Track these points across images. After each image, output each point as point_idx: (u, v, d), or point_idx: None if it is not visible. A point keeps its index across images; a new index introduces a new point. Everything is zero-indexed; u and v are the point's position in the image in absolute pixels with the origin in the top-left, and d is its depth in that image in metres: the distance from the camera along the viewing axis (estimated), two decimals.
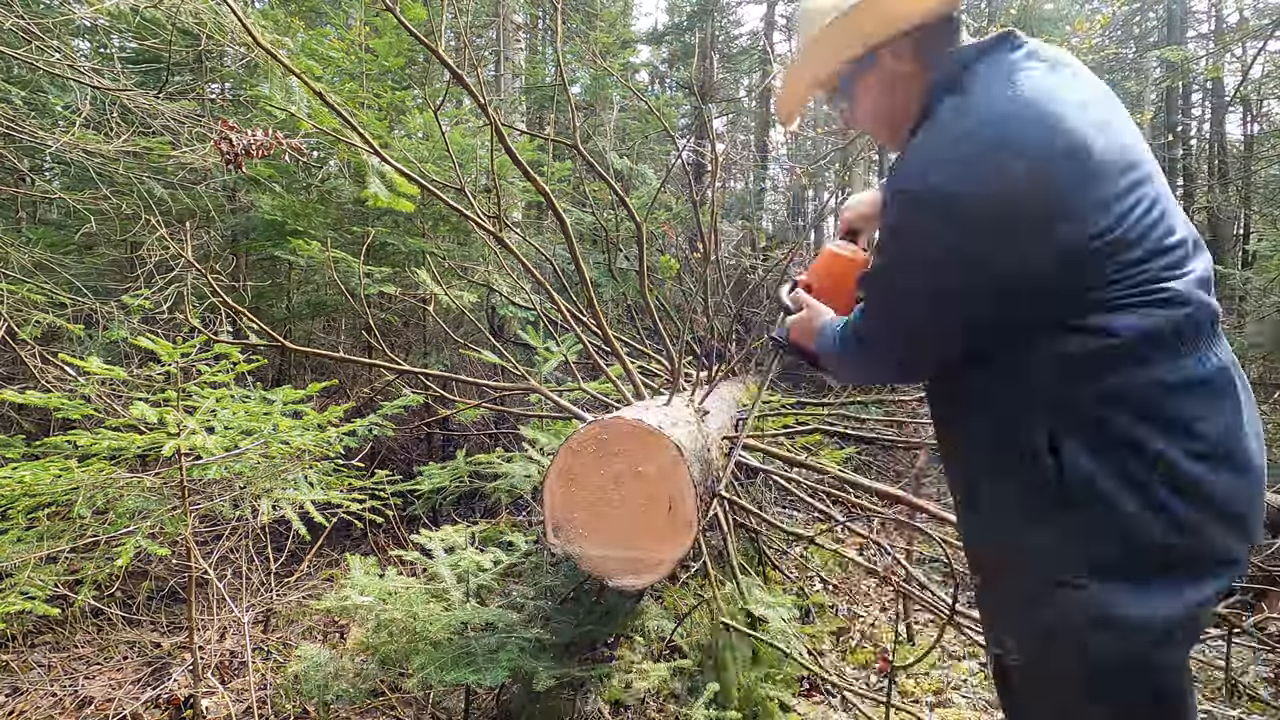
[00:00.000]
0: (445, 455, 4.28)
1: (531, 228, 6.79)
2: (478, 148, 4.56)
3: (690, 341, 4.60)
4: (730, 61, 15.95)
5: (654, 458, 1.48)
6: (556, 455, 1.53)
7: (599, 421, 1.55)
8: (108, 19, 2.75)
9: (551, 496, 1.52)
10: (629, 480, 1.48)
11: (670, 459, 1.47)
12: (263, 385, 2.57)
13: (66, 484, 1.85)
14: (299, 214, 3.91)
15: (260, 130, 2.56)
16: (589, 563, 1.52)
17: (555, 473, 1.51)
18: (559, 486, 1.51)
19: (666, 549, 1.46)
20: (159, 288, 2.81)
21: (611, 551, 1.49)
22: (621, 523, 1.48)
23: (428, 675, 1.65)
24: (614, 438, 1.49)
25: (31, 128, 2.53)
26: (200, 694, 2.04)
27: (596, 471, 1.50)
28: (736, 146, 16.05)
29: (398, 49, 4.64)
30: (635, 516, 1.48)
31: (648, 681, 1.80)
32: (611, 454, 1.49)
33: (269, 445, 2.20)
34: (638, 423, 1.50)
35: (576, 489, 1.50)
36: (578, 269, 2.81)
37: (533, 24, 10.12)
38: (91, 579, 2.00)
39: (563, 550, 1.52)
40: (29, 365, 2.27)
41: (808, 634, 2.40)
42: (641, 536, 1.47)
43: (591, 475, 1.50)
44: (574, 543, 1.51)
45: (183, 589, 2.80)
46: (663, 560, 1.47)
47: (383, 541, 3.48)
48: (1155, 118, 10.29)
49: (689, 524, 1.45)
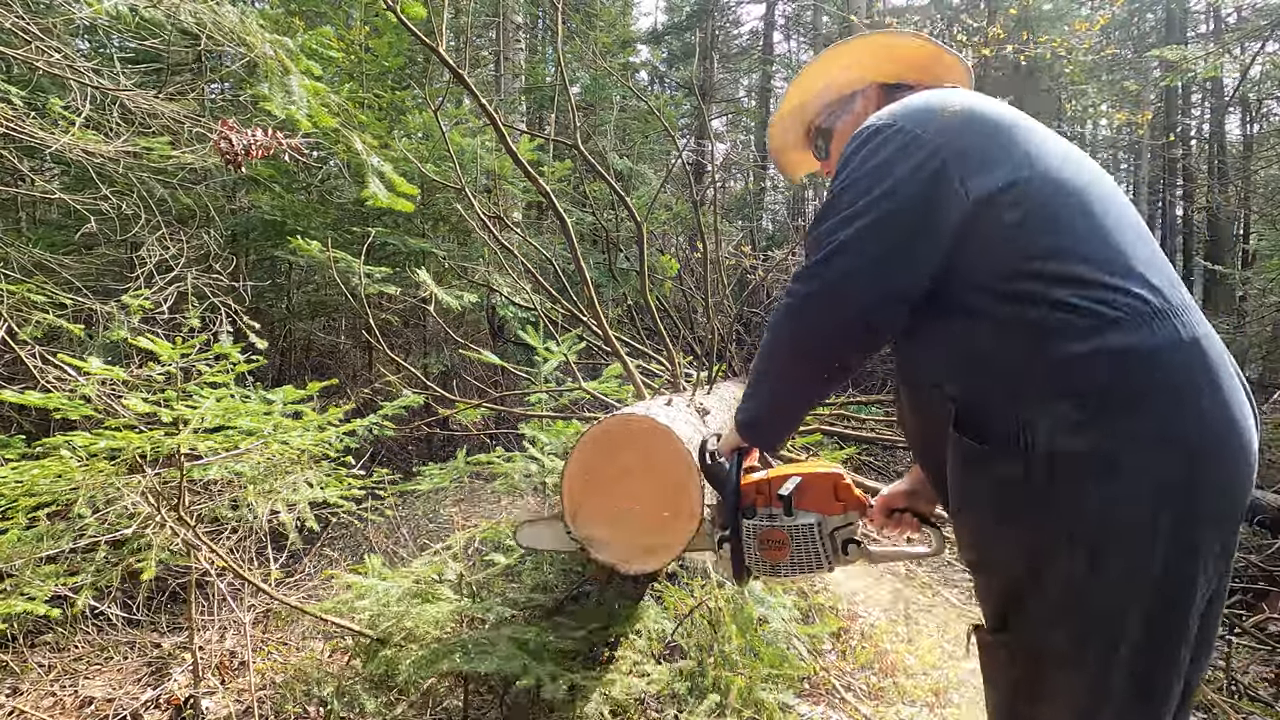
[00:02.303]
0: (445, 455, 4.29)
1: (531, 228, 6.80)
2: (478, 148, 4.56)
3: (690, 341, 4.60)
4: (730, 61, 15.96)
5: (661, 452, 1.57)
6: (574, 450, 1.63)
7: (615, 416, 1.67)
8: (107, 19, 2.75)
9: (570, 487, 1.63)
10: (639, 473, 1.58)
11: (676, 453, 1.56)
12: (263, 385, 2.57)
13: (67, 484, 1.85)
14: (299, 214, 3.91)
15: (260, 130, 2.56)
16: (602, 549, 1.61)
17: (573, 466, 1.63)
18: (576, 479, 1.62)
19: (672, 537, 1.56)
20: (159, 288, 2.81)
21: (622, 538, 1.59)
22: (631, 512, 1.58)
23: (419, 666, 1.66)
24: (627, 433, 1.60)
25: (31, 128, 2.53)
26: (200, 694, 2.04)
27: (610, 464, 1.60)
28: (736, 146, 16.06)
29: (398, 49, 4.64)
30: (644, 507, 1.57)
31: (648, 682, 1.80)
32: (624, 448, 1.59)
33: (269, 445, 2.21)
34: (648, 419, 1.60)
35: (591, 480, 1.61)
36: (578, 269, 2.81)
37: (533, 24, 10.13)
38: (91, 584, 2.00)
39: (580, 535, 1.62)
40: (29, 365, 2.27)
41: (808, 634, 2.40)
42: (650, 525, 1.57)
43: (605, 468, 1.60)
44: (589, 530, 1.61)
45: (183, 589, 2.80)
46: (669, 546, 1.57)
47: (383, 541, 3.48)
48: (1155, 118, 10.30)
49: (692, 514, 1.54)
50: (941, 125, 0.97)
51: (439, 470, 2.95)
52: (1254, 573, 3.00)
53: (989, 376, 0.93)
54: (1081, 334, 0.86)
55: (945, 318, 0.97)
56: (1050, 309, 0.88)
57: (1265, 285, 6.65)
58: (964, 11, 10.82)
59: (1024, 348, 0.90)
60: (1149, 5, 10.70)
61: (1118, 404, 0.85)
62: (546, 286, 3.40)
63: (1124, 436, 0.84)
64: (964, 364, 0.96)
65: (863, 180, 0.98)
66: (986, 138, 0.97)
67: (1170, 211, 12.18)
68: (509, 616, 1.88)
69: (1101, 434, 0.85)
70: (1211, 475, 0.85)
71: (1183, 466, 0.84)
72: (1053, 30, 8.52)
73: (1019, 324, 0.91)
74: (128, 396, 1.84)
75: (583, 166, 5.86)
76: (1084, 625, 0.88)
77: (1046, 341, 0.88)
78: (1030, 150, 0.96)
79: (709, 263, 4.00)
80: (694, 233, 6.58)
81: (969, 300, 0.94)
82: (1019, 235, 0.92)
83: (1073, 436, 0.85)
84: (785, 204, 14.71)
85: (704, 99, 10.74)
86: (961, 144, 0.95)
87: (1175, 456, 0.84)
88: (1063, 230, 0.91)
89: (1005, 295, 0.92)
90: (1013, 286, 0.91)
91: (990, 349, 0.93)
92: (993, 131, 0.97)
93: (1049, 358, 0.88)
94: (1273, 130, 9.52)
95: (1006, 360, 0.91)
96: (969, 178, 0.93)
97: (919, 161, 0.95)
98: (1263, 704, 2.21)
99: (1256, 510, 3.34)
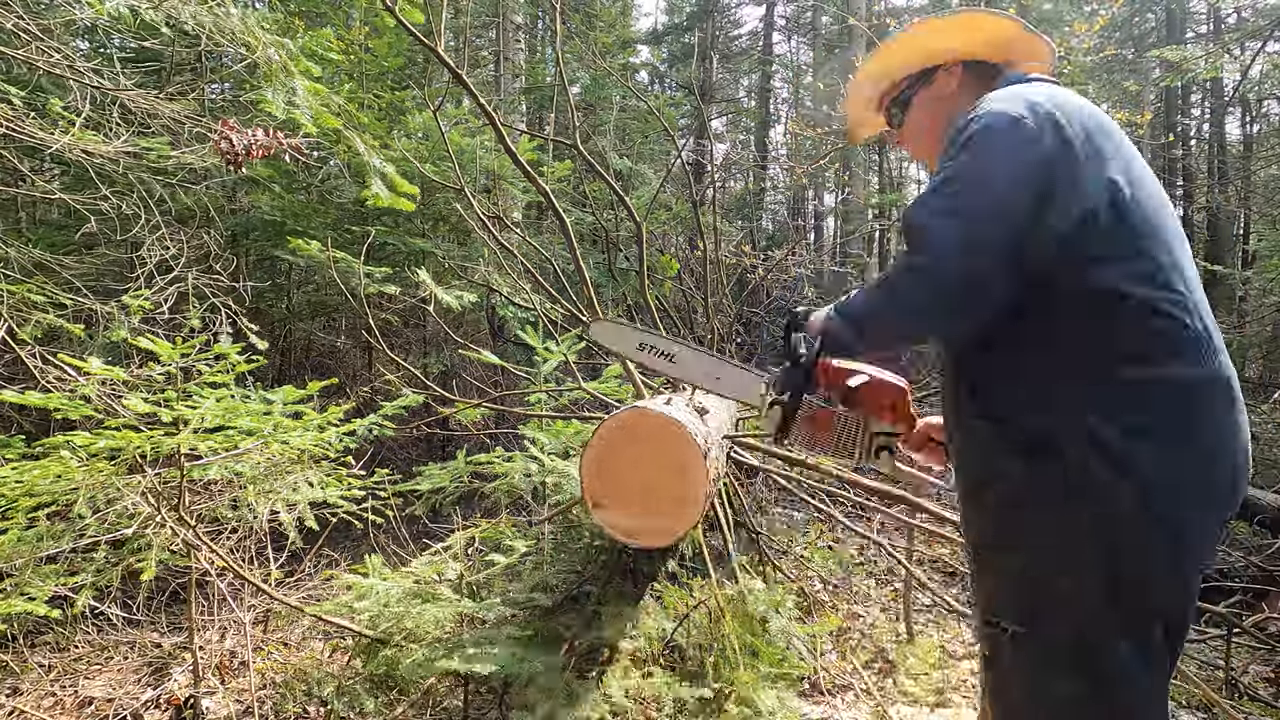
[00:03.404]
0: (445, 455, 4.29)
1: (531, 228, 6.80)
2: (477, 148, 4.56)
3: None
4: (730, 62, 15.96)
5: (669, 444, 1.77)
6: (589, 442, 1.83)
7: (633, 409, 1.86)
8: (107, 20, 2.75)
9: (589, 476, 1.83)
10: (648, 462, 1.78)
11: (681, 442, 1.76)
12: (263, 385, 2.57)
13: (66, 484, 1.85)
14: (299, 214, 3.91)
15: (260, 130, 2.56)
16: (617, 530, 1.82)
17: (589, 457, 1.83)
18: (592, 468, 1.82)
19: (678, 521, 1.78)
20: (159, 288, 2.81)
21: (635, 522, 1.79)
22: (642, 498, 1.79)
23: (419, 666, 1.67)
24: (638, 427, 1.80)
25: (31, 128, 2.53)
26: (200, 694, 2.04)
27: (622, 455, 1.80)
28: (736, 146, 16.06)
29: (397, 49, 4.64)
30: (653, 493, 1.78)
31: (648, 682, 1.80)
32: (635, 441, 1.80)
33: (269, 445, 2.21)
34: (658, 414, 1.79)
35: (606, 469, 1.80)
36: (578, 269, 2.81)
37: (532, 24, 10.13)
38: (92, 585, 2.00)
39: (599, 519, 1.82)
40: (29, 365, 2.27)
41: (808, 634, 2.40)
42: (658, 509, 1.78)
43: (618, 458, 1.81)
44: (606, 514, 1.82)
45: (183, 589, 2.80)
46: (674, 530, 1.79)
47: (383, 541, 3.48)
48: (1155, 118, 10.30)
49: (696, 501, 1.74)
50: (1074, 114, 0.99)
51: (439, 470, 2.94)
52: (1254, 573, 3.00)
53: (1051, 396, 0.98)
54: (1154, 360, 0.94)
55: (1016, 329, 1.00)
56: (1130, 328, 0.94)
57: (1265, 285, 6.65)
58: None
59: (1099, 361, 0.96)
60: (1149, 5, 10.69)
61: (1169, 427, 0.93)
62: (546, 286, 3.40)
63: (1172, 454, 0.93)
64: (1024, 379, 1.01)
65: (974, 169, 0.99)
66: (1107, 139, 0.99)
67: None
68: (509, 616, 1.89)
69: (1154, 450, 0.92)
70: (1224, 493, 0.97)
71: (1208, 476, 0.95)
72: (1053, 31, 8.52)
73: (1099, 335, 0.96)
74: (128, 396, 1.84)
75: (582, 166, 5.86)
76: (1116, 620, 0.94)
77: (1120, 359, 0.95)
78: (1130, 162, 1.00)
79: (709, 263, 4.00)
80: (694, 233, 6.58)
81: (1050, 302, 0.98)
82: (1118, 249, 0.96)
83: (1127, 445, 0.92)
84: (785, 204, 14.70)
85: (704, 99, 10.74)
86: (1075, 147, 0.96)
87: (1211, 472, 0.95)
88: (1157, 253, 0.96)
89: (1088, 304, 0.96)
90: (1101, 298, 0.95)
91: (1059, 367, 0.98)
92: (1110, 134, 1.00)
93: (1119, 375, 0.94)
94: (1273, 130, 9.52)
95: (1075, 368, 0.97)
96: (1077, 182, 0.96)
97: (1058, 145, 0.96)
98: (1263, 704, 2.21)
99: (1257, 510, 3.34)
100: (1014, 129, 0.98)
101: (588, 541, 2.35)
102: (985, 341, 1.03)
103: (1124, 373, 0.94)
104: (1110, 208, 0.95)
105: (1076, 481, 0.94)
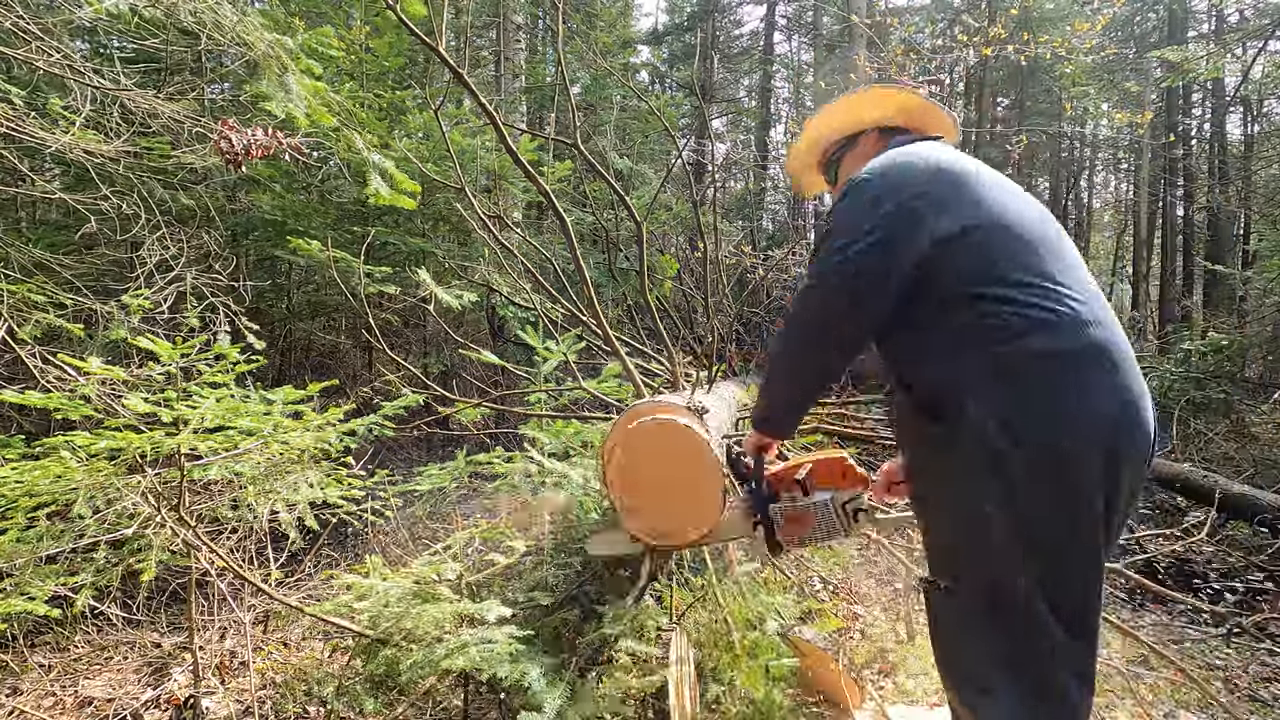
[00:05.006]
0: (445, 455, 4.29)
1: (531, 228, 6.80)
2: (478, 148, 4.56)
3: (690, 341, 4.60)
4: (730, 61, 15.96)
5: (683, 445, 1.80)
6: (608, 450, 1.85)
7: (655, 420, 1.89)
8: (107, 19, 2.74)
9: (617, 486, 1.86)
10: (669, 465, 1.81)
11: (693, 443, 1.79)
12: (263, 385, 2.57)
13: (66, 484, 1.85)
14: (299, 214, 3.91)
15: (260, 130, 2.56)
16: (650, 534, 1.85)
17: (614, 467, 1.85)
18: (612, 472, 1.85)
19: (702, 519, 1.79)
20: (159, 288, 2.81)
21: (652, 523, 1.82)
22: (668, 500, 1.81)
23: (419, 666, 1.66)
24: (654, 432, 1.84)
25: (31, 128, 2.53)
26: (200, 694, 2.04)
27: (643, 461, 1.83)
28: (736, 146, 16.05)
29: (398, 49, 4.64)
30: (676, 494, 1.81)
31: (648, 682, 1.80)
32: (653, 445, 1.83)
33: (269, 445, 2.20)
34: (669, 419, 1.83)
35: (625, 472, 1.83)
36: (578, 269, 2.81)
37: (533, 24, 10.12)
38: (92, 585, 2.00)
39: (631, 527, 1.84)
40: (29, 365, 2.27)
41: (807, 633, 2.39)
42: (675, 509, 1.81)
43: (640, 465, 1.84)
44: (638, 520, 1.84)
45: (183, 589, 2.80)
46: (700, 527, 1.80)
47: (383, 541, 3.48)
48: (1156, 117, 10.29)
49: (715, 497, 1.75)
50: (915, 178, 1.24)
51: (439, 470, 2.94)
52: (1254, 573, 3.00)
53: (945, 369, 1.19)
54: (1012, 338, 1.14)
55: (912, 328, 1.25)
56: (995, 318, 1.16)
57: (1265, 285, 6.64)
58: (965, 11, 10.81)
59: (972, 347, 1.17)
60: (1150, 5, 10.69)
61: (1040, 389, 1.12)
62: (546, 286, 3.39)
63: (1046, 414, 1.11)
64: (926, 360, 1.23)
65: (852, 220, 1.24)
66: (952, 188, 1.24)
67: (1170, 211, 12.18)
68: (509, 616, 1.88)
69: (1033, 415, 1.11)
70: (1103, 433, 1.11)
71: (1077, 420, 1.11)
72: (1054, 30, 8.52)
73: (969, 329, 1.18)
74: (128, 396, 1.84)
75: (583, 166, 5.86)
76: (1019, 566, 1.11)
77: (988, 342, 1.16)
78: (984, 198, 1.23)
79: (709, 262, 4.00)
80: (694, 233, 6.58)
81: (930, 314, 1.22)
82: (971, 266, 1.20)
83: (1009, 415, 1.11)
84: (785, 204, 14.69)
85: (704, 99, 10.74)
86: (931, 195, 1.22)
87: (1078, 418, 1.11)
88: (1005, 261, 1.19)
89: (959, 308, 1.19)
90: (965, 303, 1.18)
91: (947, 348, 1.20)
92: (958, 183, 1.24)
93: (989, 354, 1.15)
94: (1273, 130, 9.52)
95: (957, 355, 1.18)
96: (936, 222, 1.20)
97: (895, 207, 1.21)
98: (1262, 704, 2.21)
99: (1257, 510, 3.34)
100: (874, 184, 1.25)
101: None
102: (898, 325, 1.25)
103: (996, 348, 1.15)
104: (961, 235, 1.19)
105: (969, 433, 1.13)
